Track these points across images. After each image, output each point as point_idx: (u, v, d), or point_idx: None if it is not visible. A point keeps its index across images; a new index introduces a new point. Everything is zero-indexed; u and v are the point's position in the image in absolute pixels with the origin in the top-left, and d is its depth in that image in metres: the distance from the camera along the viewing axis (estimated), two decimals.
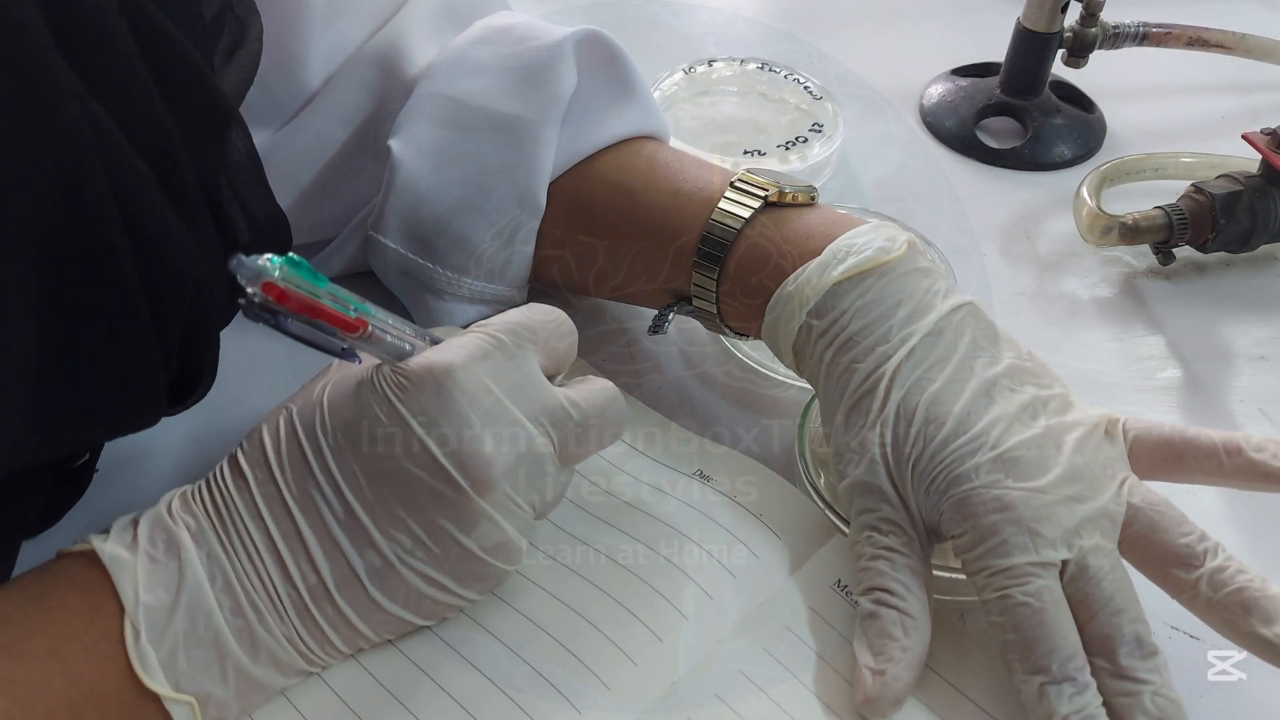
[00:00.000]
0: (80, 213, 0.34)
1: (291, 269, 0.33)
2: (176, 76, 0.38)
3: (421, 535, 0.38)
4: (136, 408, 0.39)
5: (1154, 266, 0.61)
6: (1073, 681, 0.37)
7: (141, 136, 0.36)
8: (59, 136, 0.33)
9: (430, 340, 0.40)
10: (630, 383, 0.52)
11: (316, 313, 0.34)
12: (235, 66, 0.45)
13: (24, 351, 0.33)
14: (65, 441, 0.38)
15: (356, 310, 0.35)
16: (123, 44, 0.36)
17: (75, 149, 0.33)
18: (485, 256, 0.51)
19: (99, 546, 0.37)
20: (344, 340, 0.36)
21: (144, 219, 0.36)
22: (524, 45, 0.51)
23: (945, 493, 0.40)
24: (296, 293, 0.33)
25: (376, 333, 0.36)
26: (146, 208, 0.36)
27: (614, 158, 0.51)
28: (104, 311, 0.36)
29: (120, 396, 0.38)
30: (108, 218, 0.35)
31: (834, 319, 0.43)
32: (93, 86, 0.34)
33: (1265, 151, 0.58)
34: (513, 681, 0.40)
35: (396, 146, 0.50)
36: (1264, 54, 0.72)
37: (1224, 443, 0.41)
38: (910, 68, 0.75)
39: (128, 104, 0.36)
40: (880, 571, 0.41)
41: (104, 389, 0.37)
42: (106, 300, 0.36)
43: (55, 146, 0.33)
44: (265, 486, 0.38)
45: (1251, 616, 0.38)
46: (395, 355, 0.38)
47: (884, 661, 0.39)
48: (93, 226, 0.34)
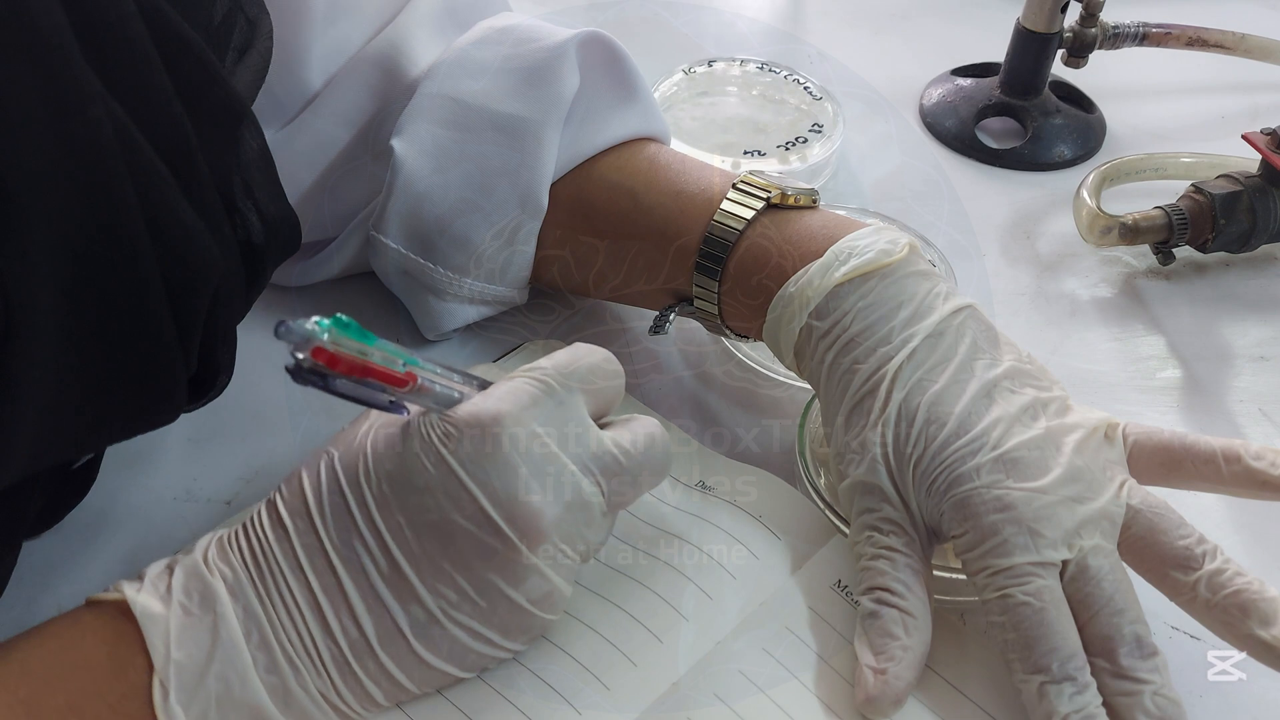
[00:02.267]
0: (104, 214, 0.34)
1: (340, 330, 0.32)
2: (192, 77, 0.38)
3: (468, 589, 0.37)
4: (158, 405, 0.39)
5: (1154, 266, 0.61)
6: (1073, 681, 0.37)
7: (161, 138, 0.36)
8: (83, 138, 0.33)
9: (479, 385, 0.39)
10: (630, 383, 0.52)
11: (368, 372, 0.33)
12: (247, 66, 0.45)
13: (47, 352, 0.33)
14: (88, 439, 0.38)
15: (406, 365, 0.35)
16: (142, 47, 0.36)
17: (99, 151, 0.34)
18: (486, 257, 0.51)
19: (131, 597, 0.35)
20: (392, 394, 0.35)
21: (165, 220, 0.36)
22: (526, 46, 0.51)
23: (946, 493, 0.40)
24: (347, 355, 0.32)
25: (425, 384, 0.36)
26: (167, 208, 0.36)
27: (616, 159, 0.51)
28: (127, 311, 0.36)
29: (142, 394, 0.38)
30: (132, 219, 0.35)
31: (836, 320, 0.43)
32: (114, 88, 0.34)
33: (1265, 151, 0.58)
34: (512, 683, 0.40)
35: (398, 146, 0.50)
36: (1264, 54, 0.72)
37: (1223, 450, 0.41)
38: (910, 68, 0.75)
39: (147, 106, 0.36)
40: (881, 571, 0.41)
41: (127, 387, 0.37)
42: (130, 300, 0.36)
43: (80, 148, 0.33)
44: (306, 537, 0.37)
45: (1249, 619, 0.38)
46: (443, 404, 0.37)
47: (885, 661, 0.39)
48: (117, 227, 0.35)
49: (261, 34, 0.45)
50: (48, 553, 0.44)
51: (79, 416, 0.36)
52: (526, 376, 0.39)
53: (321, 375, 0.32)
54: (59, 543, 0.39)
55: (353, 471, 0.37)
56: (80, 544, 0.45)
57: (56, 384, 0.34)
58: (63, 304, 0.34)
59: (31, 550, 0.44)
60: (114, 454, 0.47)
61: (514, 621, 0.38)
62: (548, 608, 0.38)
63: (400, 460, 0.37)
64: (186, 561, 0.37)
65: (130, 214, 0.35)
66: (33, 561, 0.43)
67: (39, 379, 0.33)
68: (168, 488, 0.46)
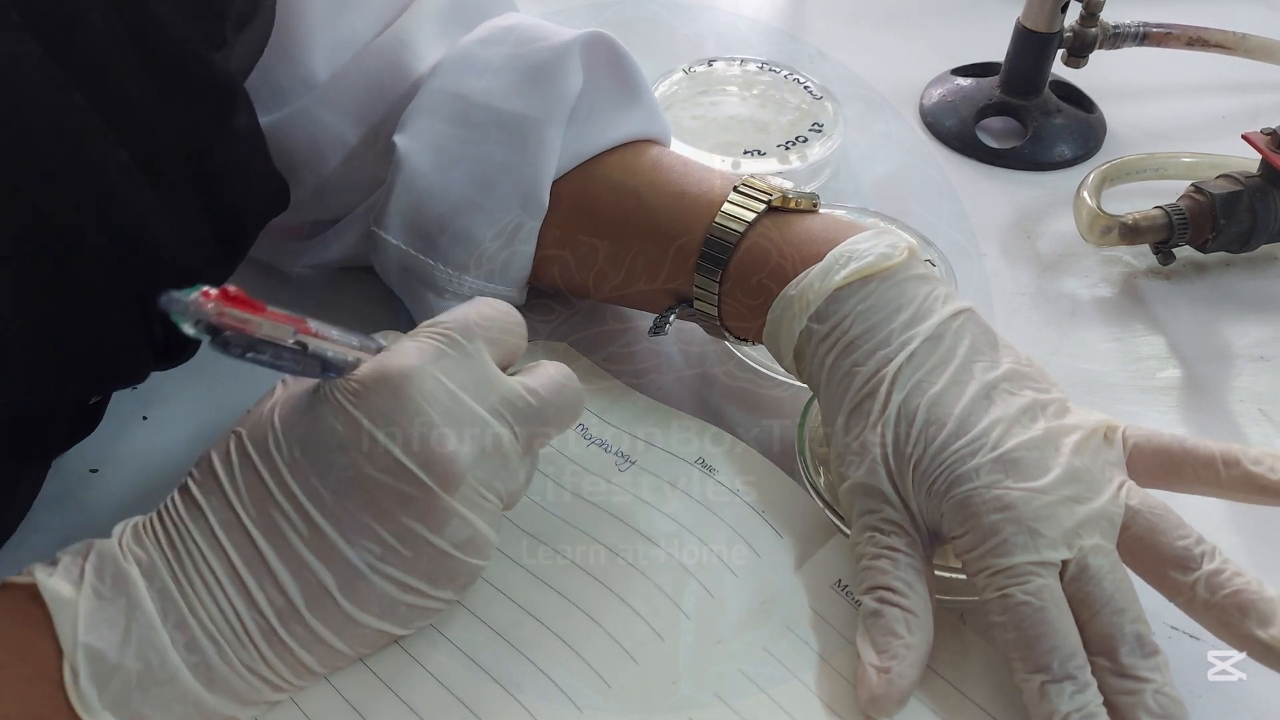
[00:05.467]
0: (59, 201, 0.36)
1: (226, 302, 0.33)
2: (166, 56, 0.39)
3: (391, 540, 0.37)
4: (121, 370, 0.42)
5: (1154, 266, 0.61)
6: (1073, 680, 0.37)
7: (122, 122, 0.37)
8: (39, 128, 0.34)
9: (377, 347, 0.39)
10: (630, 383, 0.52)
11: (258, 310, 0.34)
12: (246, 37, 0.45)
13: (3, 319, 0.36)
14: (51, 399, 0.40)
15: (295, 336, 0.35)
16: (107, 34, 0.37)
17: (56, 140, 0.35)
18: (487, 256, 0.51)
19: (41, 581, 0.35)
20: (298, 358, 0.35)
21: (123, 202, 0.38)
22: (531, 45, 0.51)
23: (946, 493, 0.40)
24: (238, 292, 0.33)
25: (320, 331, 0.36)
26: (125, 192, 0.38)
27: (618, 159, 0.51)
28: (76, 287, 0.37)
29: (100, 359, 0.40)
30: (85, 206, 0.36)
31: (836, 323, 0.43)
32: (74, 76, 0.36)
33: (1265, 151, 0.58)
34: (514, 679, 0.40)
35: (402, 142, 0.50)
36: (1264, 54, 0.73)
37: (1222, 454, 0.41)
38: (910, 68, 0.76)
39: (109, 93, 0.37)
40: (883, 570, 0.41)
41: (86, 356, 0.39)
42: (78, 278, 0.37)
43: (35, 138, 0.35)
44: (222, 513, 0.37)
45: (1248, 619, 0.38)
46: (342, 369, 0.38)
47: (889, 659, 0.39)
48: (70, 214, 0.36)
49: (265, 6, 0.46)
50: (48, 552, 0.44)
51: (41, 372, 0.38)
52: (429, 331, 0.40)
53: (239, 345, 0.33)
54: (58, 542, 0.39)
55: (262, 443, 0.38)
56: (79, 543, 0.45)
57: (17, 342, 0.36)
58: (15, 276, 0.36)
59: (31, 550, 0.44)
60: (112, 455, 0.48)
61: (440, 568, 0.38)
62: (473, 552, 0.39)
63: (310, 424, 0.37)
64: (100, 546, 0.37)
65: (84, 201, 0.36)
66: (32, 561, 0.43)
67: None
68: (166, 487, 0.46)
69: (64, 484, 0.47)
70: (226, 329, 0.33)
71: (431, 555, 0.38)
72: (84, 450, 0.47)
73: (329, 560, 0.37)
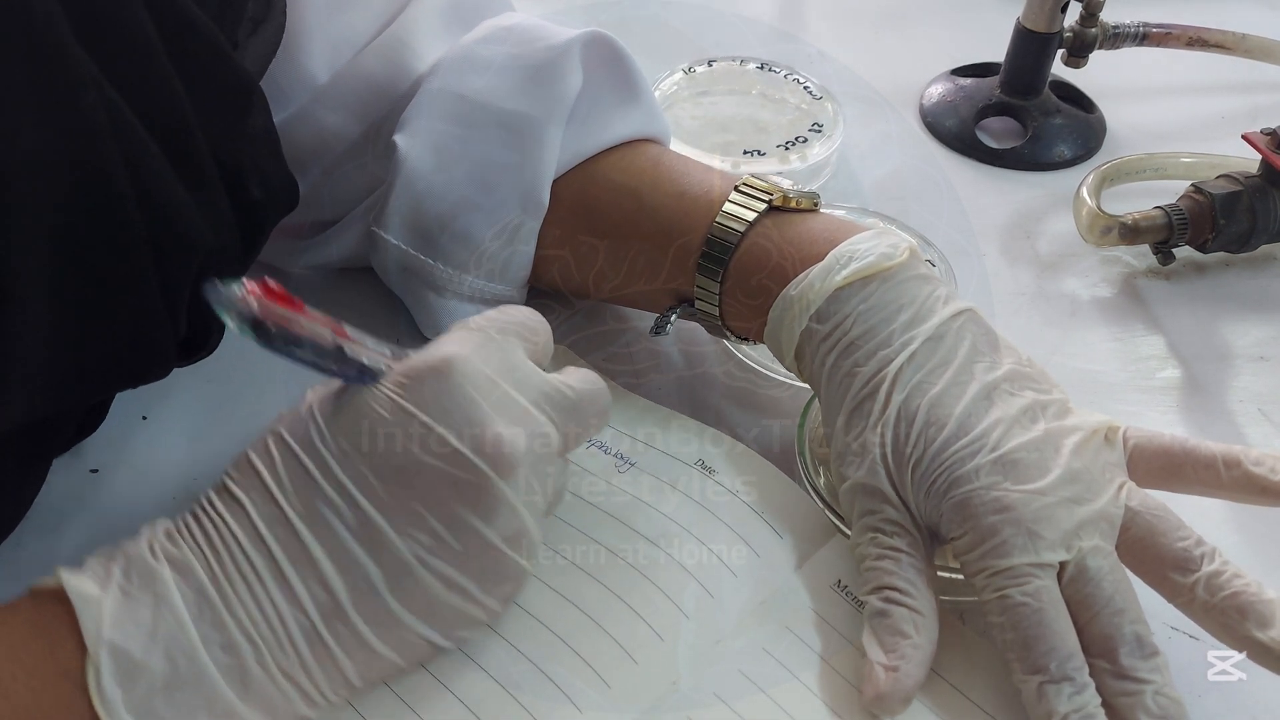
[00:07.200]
0: (94, 194, 0.36)
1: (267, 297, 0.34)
2: (196, 56, 0.40)
3: (441, 530, 0.36)
4: (146, 365, 0.41)
5: (1154, 266, 0.61)
6: (1071, 681, 0.37)
7: (156, 118, 0.38)
8: (76, 123, 0.35)
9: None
10: (630, 383, 0.52)
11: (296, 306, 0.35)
12: (260, 38, 0.46)
13: (37, 321, 0.35)
14: (78, 395, 0.40)
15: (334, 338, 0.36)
16: (141, 30, 0.38)
17: (92, 135, 0.36)
18: (486, 255, 0.51)
19: (66, 580, 0.35)
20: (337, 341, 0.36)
21: (156, 197, 0.38)
22: (531, 45, 0.51)
23: (945, 494, 0.40)
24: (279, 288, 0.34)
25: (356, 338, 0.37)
26: (159, 187, 0.38)
27: (618, 159, 0.51)
28: (114, 282, 0.38)
29: (130, 355, 0.40)
30: (123, 199, 0.37)
31: (837, 323, 0.43)
32: (110, 73, 0.36)
33: (1265, 151, 0.58)
34: (514, 679, 0.40)
35: (402, 142, 0.50)
36: (1264, 54, 0.72)
37: (1223, 455, 0.41)
38: (910, 68, 0.75)
39: (144, 88, 0.38)
40: (887, 570, 0.41)
41: (114, 350, 0.39)
42: (117, 272, 0.38)
43: (73, 133, 0.35)
44: (265, 508, 0.36)
45: (1247, 620, 0.38)
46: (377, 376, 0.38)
47: (896, 658, 0.39)
48: (106, 206, 0.37)
49: (276, 8, 0.47)
50: (48, 552, 0.44)
51: (71, 372, 0.38)
52: (465, 329, 0.40)
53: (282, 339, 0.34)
54: (58, 541, 0.40)
55: (305, 438, 0.37)
56: (79, 544, 0.45)
57: (47, 345, 0.36)
58: (53, 276, 0.36)
59: (30, 550, 0.44)
60: (115, 455, 0.48)
61: (489, 564, 0.37)
62: (520, 549, 0.38)
63: (354, 416, 0.37)
64: (129, 547, 0.36)
65: (120, 194, 0.37)
66: (32, 561, 0.43)
67: (31, 340, 0.35)
68: (169, 486, 0.46)
69: (64, 484, 0.47)
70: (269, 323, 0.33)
71: (480, 548, 0.37)
72: (84, 450, 0.48)
73: (377, 553, 0.36)
